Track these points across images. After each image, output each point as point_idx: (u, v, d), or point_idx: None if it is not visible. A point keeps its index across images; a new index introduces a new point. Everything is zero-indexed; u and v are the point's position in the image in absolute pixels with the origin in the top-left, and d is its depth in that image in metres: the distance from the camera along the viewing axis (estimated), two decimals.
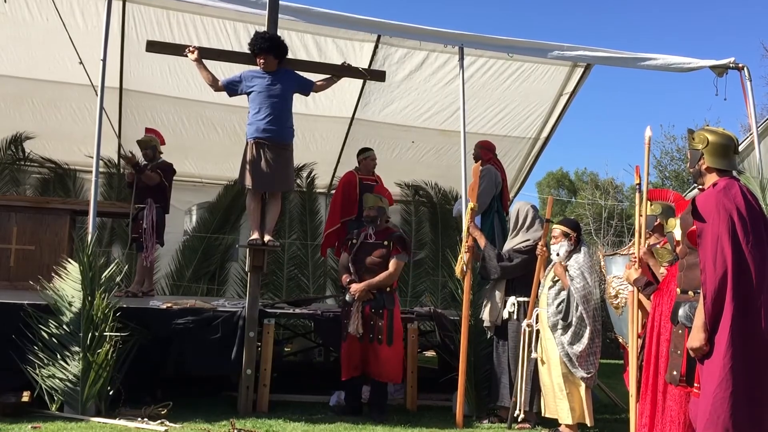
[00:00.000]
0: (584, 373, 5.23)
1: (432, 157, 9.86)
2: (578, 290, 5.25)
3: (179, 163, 8.44)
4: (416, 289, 9.88)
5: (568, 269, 5.36)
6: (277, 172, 5.67)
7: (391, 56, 8.09)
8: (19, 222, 7.03)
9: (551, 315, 5.36)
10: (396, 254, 5.77)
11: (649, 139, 4.63)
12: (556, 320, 5.32)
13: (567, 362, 5.26)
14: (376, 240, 5.85)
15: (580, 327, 5.24)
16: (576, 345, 5.24)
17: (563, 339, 5.28)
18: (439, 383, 6.47)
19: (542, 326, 5.45)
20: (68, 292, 5.28)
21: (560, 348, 5.29)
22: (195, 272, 9.32)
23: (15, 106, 8.57)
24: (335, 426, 5.21)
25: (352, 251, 5.87)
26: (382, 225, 5.97)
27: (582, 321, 5.24)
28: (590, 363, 5.25)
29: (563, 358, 5.27)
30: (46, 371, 5.08)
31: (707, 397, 3.30)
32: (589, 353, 5.25)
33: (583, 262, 5.33)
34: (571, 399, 5.26)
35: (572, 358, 5.23)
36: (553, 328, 5.34)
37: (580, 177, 33.03)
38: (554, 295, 5.40)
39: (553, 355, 5.34)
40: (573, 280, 5.29)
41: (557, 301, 5.35)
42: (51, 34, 7.37)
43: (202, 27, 7.61)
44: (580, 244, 5.47)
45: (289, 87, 5.80)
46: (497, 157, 7.71)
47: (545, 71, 8.41)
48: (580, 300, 5.22)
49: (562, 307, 5.30)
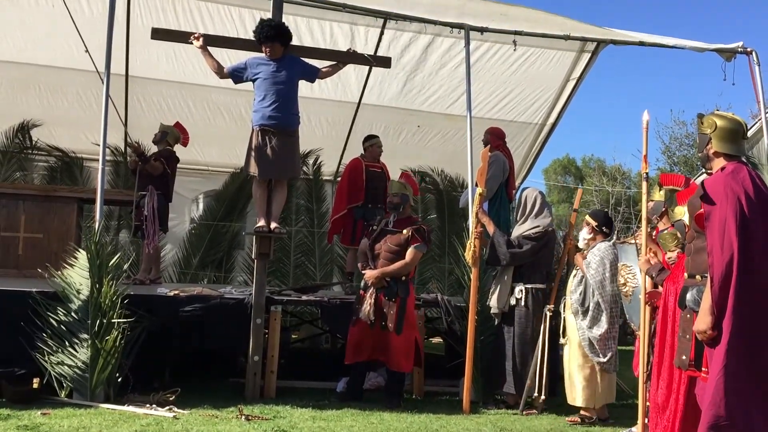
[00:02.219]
0: (602, 358, 5.29)
1: (438, 142, 9.81)
2: (593, 276, 5.35)
3: (186, 150, 8.41)
4: (423, 276, 9.85)
5: (587, 257, 5.42)
6: (283, 159, 5.66)
7: (396, 40, 8.05)
8: (27, 210, 7.05)
9: (573, 301, 5.44)
10: (414, 244, 5.73)
11: (647, 123, 4.63)
12: (577, 306, 5.40)
13: (587, 347, 5.32)
14: (396, 228, 5.82)
15: (597, 312, 5.33)
16: (595, 329, 5.31)
17: (583, 324, 5.35)
18: (445, 369, 6.48)
19: (567, 312, 5.50)
20: (76, 279, 5.30)
21: (581, 333, 5.35)
22: (202, 260, 9.33)
23: (21, 92, 8.55)
24: (342, 412, 5.22)
25: (371, 238, 5.86)
26: (405, 213, 5.93)
27: (598, 306, 5.33)
28: (608, 348, 5.30)
29: (582, 343, 5.32)
30: (55, 358, 5.11)
31: (711, 381, 3.30)
32: (608, 338, 5.31)
33: (603, 250, 5.36)
34: (591, 384, 5.29)
35: (592, 342, 5.30)
36: (575, 314, 5.40)
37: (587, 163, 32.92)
38: (577, 282, 5.47)
39: (574, 340, 5.41)
40: (589, 266, 5.33)
41: (579, 288, 5.42)
42: (56, 20, 7.35)
43: (207, 13, 7.58)
44: (611, 235, 5.52)
45: (294, 74, 5.77)
46: (506, 144, 7.67)
47: (552, 56, 8.35)
48: (596, 286, 5.30)
49: (581, 295, 5.39)
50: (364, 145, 7.52)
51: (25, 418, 4.51)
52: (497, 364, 5.76)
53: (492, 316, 5.91)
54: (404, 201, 5.91)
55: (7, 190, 7.31)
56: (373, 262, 5.77)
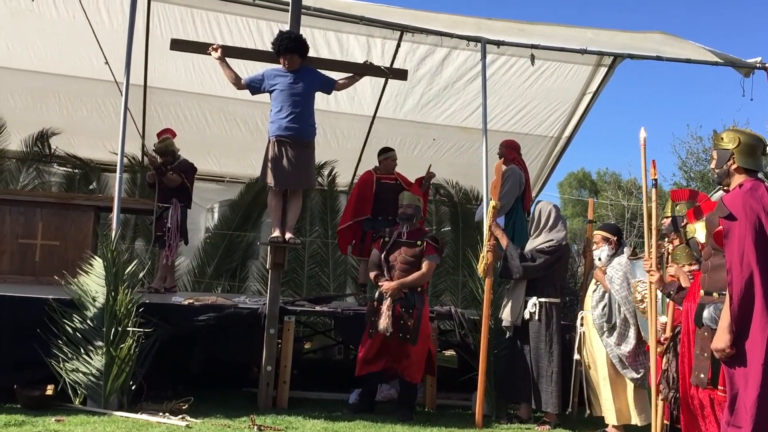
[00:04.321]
0: (634, 374, 5.26)
1: (453, 155, 9.82)
2: (618, 292, 5.31)
3: (202, 159, 8.50)
4: (436, 288, 9.84)
5: (607, 272, 5.37)
6: (298, 170, 5.68)
7: (413, 52, 8.08)
8: (44, 217, 7.13)
9: (596, 318, 5.41)
10: (429, 255, 5.75)
11: (644, 140, 4.64)
12: (601, 323, 5.38)
13: (617, 364, 5.29)
14: (409, 239, 5.83)
15: (625, 328, 5.30)
16: (623, 345, 5.28)
17: (610, 341, 5.33)
18: (458, 383, 6.45)
19: (587, 328, 5.47)
20: (92, 287, 5.34)
21: (609, 349, 5.31)
22: (216, 269, 9.37)
23: (41, 101, 8.68)
24: (354, 424, 5.21)
25: (384, 249, 5.87)
26: (416, 224, 5.95)
27: (626, 322, 5.30)
28: (639, 363, 5.27)
29: (612, 360, 5.30)
30: (70, 365, 5.13)
31: (748, 404, 3.22)
32: (637, 353, 5.27)
33: (625, 265, 5.34)
34: (618, 400, 5.27)
35: (621, 359, 5.26)
36: (599, 331, 5.37)
37: (602, 177, 32.76)
38: (598, 298, 5.45)
39: (600, 356, 5.39)
40: (612, 282, 5.29)
41: (601, 304, 5.39)
42: (77, 31, 7.46)
43: (226, 25, 7.66)
44: (621, 246, 5.49)
45: (311, 85, 5.80)
46: (521, 157, 7.67)
47: (568, 69, 8.37)
48: (622, 302, 5.27)
49: (605, 311, 5.33)
50: (379, 157, 7.54)
51: (40, 425, 4.54)
52: (510, 378, 5.72)
53: (504, 330, 5.88)
54: (417, 212, 5.96)
55: (25, 197, 7.41)
56: (389, 274, 5.77)
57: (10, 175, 9.06)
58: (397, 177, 7.33)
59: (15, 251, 7.04)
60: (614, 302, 5.34)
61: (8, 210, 7.09)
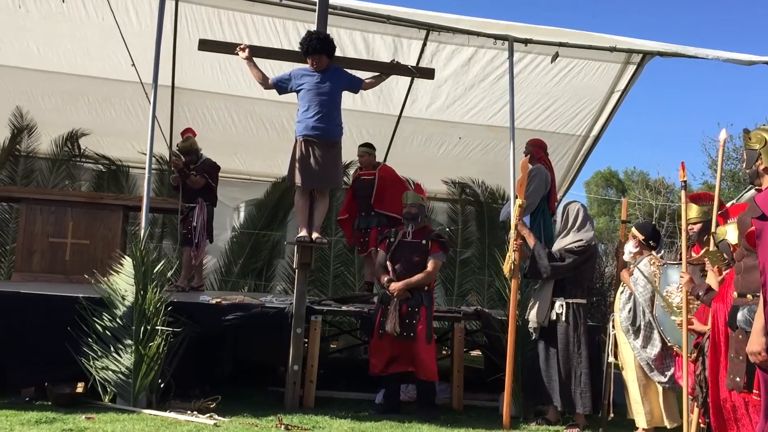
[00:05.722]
0: (662, 377, 5.18)
1: (479, 154, 9.77)
2: (641, 294, 5.22)
3: (228, 159, 8.55)
4: (462, 287, 9.81)
5: (633, 273, 5.32)
6: (325, 169, 5.69)
7: (439, 53, 8.05)
8: (74, 217, 7.22)
9: (623, 320, 5.35)
10: (434, 253, 5.75)
11: (724, 141, 4.60)
12: (627, 325, 5.31)
13: (645, 366, 5.23)
14: (414, 239, 5.82)
15: (650, 330, 5.21)
16: (649, 348, 5.20)
17: (636, 343, 5.26)
18: (484, 383, 6.41)
19: (617, 330, 5.41)
20: (121, 285, 5.40)
21: (636, 352, 5.26)
22: (243, 268, 9.43)
23: (71, 102, 8.79)
24: (381, 424, 5.20)
25: (390, 250, 5.86)
26: (421, 223, 5.94)
27: (650, 325, 5.21)
28: (666, 366, 5.18)
29: (640, 363, 5.23)
30: (100, 363, 5.19)
31: None
32: (664, 356, 5.18)
33: (650, 266, 5.24)
34: (649, 402, 5.21)
35: (648, 362, 5.19)
36: (626, 333, 5.31)
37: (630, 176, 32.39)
38: (625, 299, 5.39)
39: (629, 358, 5.33)
40: (636, 284, 5.22)
41: (627, 306, 5.33)
42: (106, 33, 7.53)
43: (252, 25, 7.68)
44: (658, 249, 5.41)
45: (338, 85, 5.81)
46: (548, 156, 7.60)
47: (596, 68, 8.26)
48: (646, 304, 5.17)
49: (631, 313, 5.29)
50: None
51: (70, 422, 4.59)
52: (538, 379, 5.67)
53: (530, 331, 5.82)
54: (421, 211, 5.96)
55: (55, 196, 7.51)
56: (394, 274, 5.76)
57: (41, 175, 9.21)
58: (378, 173, 7.28)
59: (46, 250, 7.15)
60: (638, 304, 5.25)
61: (39, 209, 7.19)
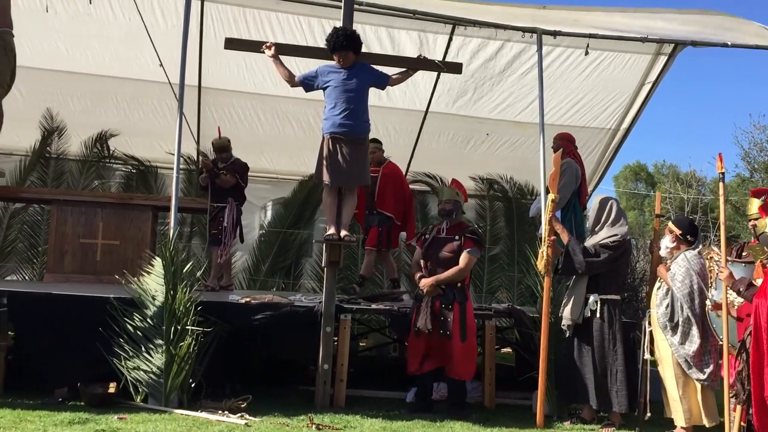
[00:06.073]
0: (700, 374, 5.05)
1: (507, 150, 9.68)
2: (679, 290, 5.11)
3: (255, 158, 8.54)
4: (491, 284, 9.71)
5: (671, 268, 5.21)
6: (353, 167, 5.64)
7: (465, 47, 7.97)
8: (104, 217, 7.26)
9: (660, 316, 5.24)
10: (467, 249, 5.65)
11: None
12: (665, 321, 5.19)
13: (683, 363, 5.10)
14: (448, 235, 5.75)
15: (688, 327, 5.08)
16: (687, 345, 5.08)
17: (674, 340, 5.13)
18: (516, 381, 6.32)
19: (654, 327, 5.29)
20: (151, 286, 5.41)
21: (674, 349, 5.14)
22: (271, 267, 9.43)
23: (99, 103, 8.86)
24: (413, 423, 5.14)
25: (424, 246, 5.79)
26: (456, 219, 5.86)
27: (688, 321, 5.08)
28: (705, 363, 5.06)
29: (678, 360, 5.12)
30: (131, 363, 5.21)
31: None
32: (703, 352, 5.06)
33: (689, 260, 5.13)
34: (687, 400, 5.09)
35: (687, 359, 5.07)
36: (663, 329, 5.19)
37: (659, 169, 31.94)
38: (662, 295, 5.27)
39: (666, 356, 5.22)
40: (674, 279, 5.10)
41: (665, 302, 5.20)
42: (133, 33, 7.57)
43: (278, 23, 7.68)
44: (696, 243, 5.29)
45: (364, 81, 5.75)
46: (577, 150, 7.49)
47: (626, 59, 8.12)
48: (684, 300, 5.06)
49: (668, 309, 5.16)
50: None
51: (103, 422, 4.61)
52: (572, 378, 5.56)
53: (563, 328, 5.71)
54: (456, 208, 5.86)
55: (86, 198, 7.56)
56: (427, 270, 5.69)
57: (72, 176, 9.28)
58: (381, 170, 7.21)
59: (77, 251, 7.20)
60: (676, 300, 5.13)
61: (70, 211, 7.25)
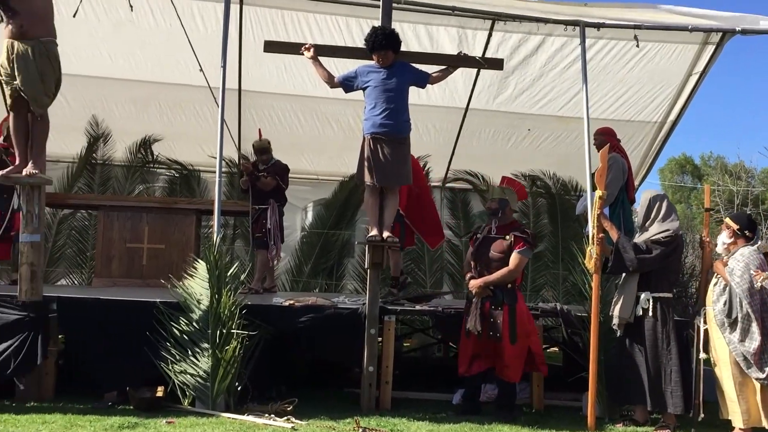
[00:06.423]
0: (760, 374, 4.88)
1: (549, 145, 9.52)
2: (738, 285, 4.95)
3: (295, 159, 8.56)
4: (535, 283, 9.56)
5: (729, 264, 5.05)
6: (395, 166, 5.59)
7: (505, 42, 7.86)
8: (149, 222, 7.35)
9: (717, 313, 5.07)
10: (518, 249, 5.53)
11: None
12: (722, 318, 5.02)
13: (741, 362, 4.94)
14: (498, 234, 5.65)
15: (748, 323, 4.92)
16: (747, 342, 4.92)
17: (733, 337, 4.97)
18: (564, 382, 6.19)
19: (710, 325, 5.14)
20: (196, 290, 5.44)
21: (732, 347, 4.98)
22: (313, 268, 9.42)
23: (143, 109, 8.98)
24: (460, 426, 5.07)
25: (475, 246, 5.71)
26: (507, 218, 5.73)
27: (748, 317, 4.92)
28: (765, 361, 4.89)
29: (736, 358, 4.96)
30: (178, 367, 5.24)
31: None
32: (763, 350, 4.89)
33: (748, 256, 4.96)
34: (746, 401, 4.92)
35: (746, 357, 4.90)
36: (720, 327, 5.03)
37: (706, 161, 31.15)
38: (719, 292, 5.10)
39: (723, 355, 5.06)
40: (733, 274, 4.94)
41: (722, 298, 5.04)
42: (174, 39, 7.63)
43: (316, 25, 7.67)
44: (754, 239, 5.13)
45: (404, 80, 5.70)
46: (620, 143, 7.32)
47: (672, 50, 7.90)
48: (743, 295, 4.89)
49: (726, 305, 5.00)
50: None
51: (151, 427, 4.65)
52: (623, 378, 5.42)
53: (614, 328, 5.56)
54: (502, 206, 5.70)
55: (131, 203, 7.69)
56: (477, 271, 5.61)
57: (117, 182, 9.42)
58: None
59: (123, 255, 7.29)
60: (735, 296, 4.96)
61: (116, 216, 7.35)
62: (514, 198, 5.80)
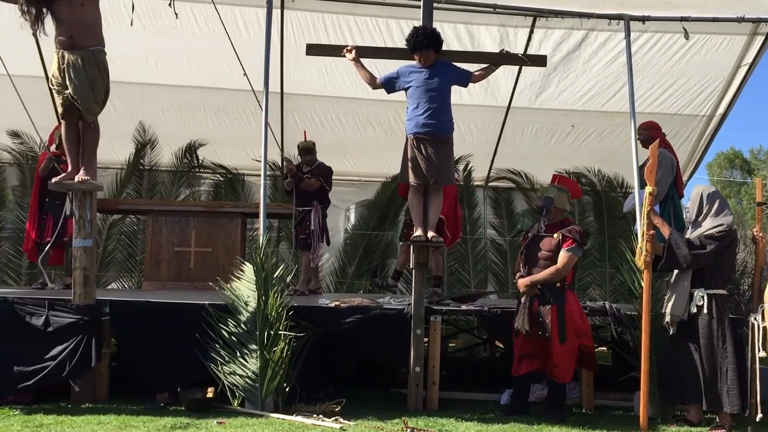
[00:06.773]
0: None
1: (593, 142, 9.38)
2: None
3: (338, 161, 8.61)
4: (582, 281, 9.42)
5: None
6: (438, 166, 5.57)
7: (547, 39, 7.77)
8: (196, 226, 7.47)
9: None
10: (566, 247, 5.43)
11: None
12: None
13: None
14: (547, 232, 5.58)
15: None
16: None
17: None
18: (614, 381, 6.09)
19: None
20: (244, 292, 5.50)
21: None
22: (357, 269, 9.46)
23: (188, 114, 9.12)
24: (508, 426, 5.03)
25: (525, 244, 5.66)
26: (556, 216, 5.62)
27: None
28: None
29: None
30: (228, 368, 5.31)
31: None
32: None
33: None
34: None
35: None
36: None
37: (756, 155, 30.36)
38: None
39: None
40: None
41: None
42: (217, 44, 7.74)
43: (356, 27, 7.71)
44: None
45: (446, 80, 5.68)
46: (666, 137, 7.17)
47: (720, 41, 7.73)
48: None
49: None
50: None
51: (203, 427, 4.72)
52: (676, 377, 5.30)
53: (665, 326, 5.44)
54: (547, 204, 5.60)
55: (178, 207, 7.82)
56: (526, 269, 5.55)
57: (164, 187, 9.60)
58: None
59: (172, 259, 7.43)
60: None
61: (164, 220, 7.49)
62: (564, 196, 5.69)
